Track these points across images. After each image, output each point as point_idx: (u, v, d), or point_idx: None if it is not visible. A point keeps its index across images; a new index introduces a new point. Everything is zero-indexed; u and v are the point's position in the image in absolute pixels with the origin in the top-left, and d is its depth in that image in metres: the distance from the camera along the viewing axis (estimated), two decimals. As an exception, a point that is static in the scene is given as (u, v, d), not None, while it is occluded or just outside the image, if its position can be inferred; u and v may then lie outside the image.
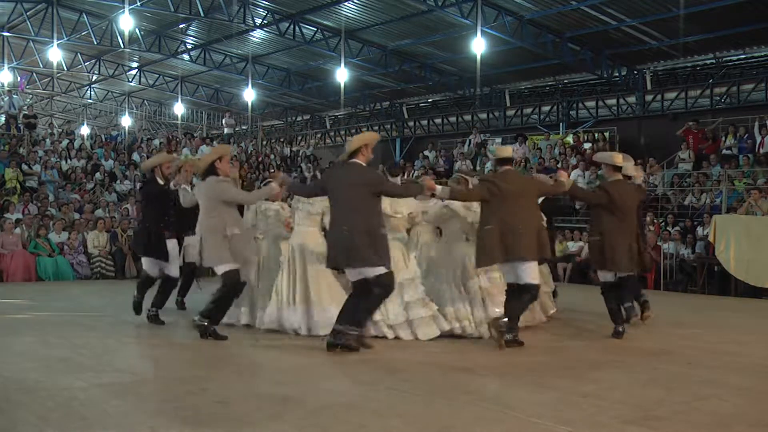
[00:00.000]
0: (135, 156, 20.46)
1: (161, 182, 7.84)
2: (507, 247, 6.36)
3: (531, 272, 6.40)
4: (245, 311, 7.46)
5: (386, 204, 6.57)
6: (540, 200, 7.02)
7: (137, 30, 21.16)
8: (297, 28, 20.09)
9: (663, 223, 14.86)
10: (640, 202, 7.45)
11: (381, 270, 5.92)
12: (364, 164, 6.14)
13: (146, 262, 7.84)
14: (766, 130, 16.03)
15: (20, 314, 8.44)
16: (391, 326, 6.77)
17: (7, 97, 20.90)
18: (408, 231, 7.47)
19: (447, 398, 4.69)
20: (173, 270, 7.81)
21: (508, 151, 6.92)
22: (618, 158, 7.27)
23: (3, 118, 20.79)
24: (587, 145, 19.64)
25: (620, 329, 7.12)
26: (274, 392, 4.78)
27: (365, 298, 5.99)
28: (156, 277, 7.79)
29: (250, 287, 7.24)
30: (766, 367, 6.09)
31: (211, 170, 6.68)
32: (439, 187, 6.48)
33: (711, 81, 18.93)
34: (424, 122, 27.08)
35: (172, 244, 7.76)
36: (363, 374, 5.45)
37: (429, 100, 26.87)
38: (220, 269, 6.57)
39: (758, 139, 16.22)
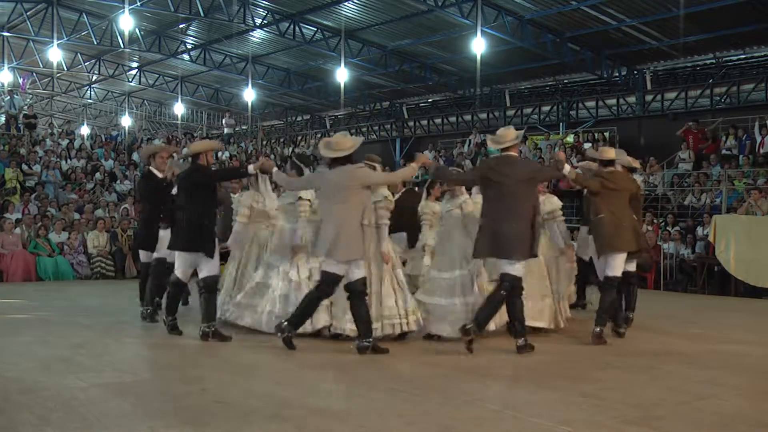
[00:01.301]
0: (135, 156, 20.44)
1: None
2: (618, 238, 6.80)
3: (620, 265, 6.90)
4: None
5: None
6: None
7: (137, 30, 21.17)
8: (297, 28, 20.09)
9: (663, 223, 14.86)
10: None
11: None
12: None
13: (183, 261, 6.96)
14: (766, 130, 16.03)
15: (20, 314, 8.44)
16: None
17: (8, 97, 20.91)
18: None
19: (447, 398, 4.69)
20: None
21: (611, 153, 7.16)
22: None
23: (3, 118, 20.79)
24: (587, 145, 19.63)
25: (622, 330, 7.13)
26: (274, 392, 4.78)
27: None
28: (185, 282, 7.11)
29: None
30: (766, 367, 6.09)
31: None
32: (568, 167, 6.70)
33: (711, 81, 18.94)
34: (424, 122, 27.08)
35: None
36: (363, 374, 5.46)
37: (429, 100, 26.87)
38: (360, 267, 6.20)
39: (758, 139, 16.22)
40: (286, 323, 6.12)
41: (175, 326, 6.90)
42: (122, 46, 21.43)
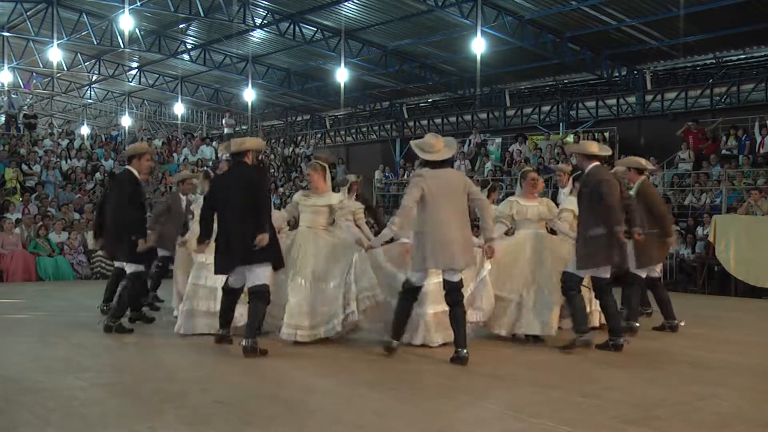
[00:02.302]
0: (135, 156, 20.44)
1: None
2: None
3: None
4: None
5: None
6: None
7: (137, 30, 21.17)
8: (297, 28, 20.09)
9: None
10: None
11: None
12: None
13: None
14: (766, 130, 16.03)
15: (20, 314, 8.44)
16: None
17: (7, 97, 20.92)
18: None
19: (447, 398, 4.69)
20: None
21: (593, 147, 6.67)
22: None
23: (3, 118, 20.80)
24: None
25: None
26: (274, 392, 4.78)
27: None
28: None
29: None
30: (766, 367, 6.09)
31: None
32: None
33: (711, 81, 18.93)
34: (424, 122, 27.07)
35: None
36: (363, 374, 5.46)
37: (429, 100, 26.87)
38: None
39: (758, 139, 16.22)
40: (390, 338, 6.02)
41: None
42: (122, 46, 21.43)
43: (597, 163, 6.54)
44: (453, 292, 5.82)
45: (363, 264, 6.42)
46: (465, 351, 5.69)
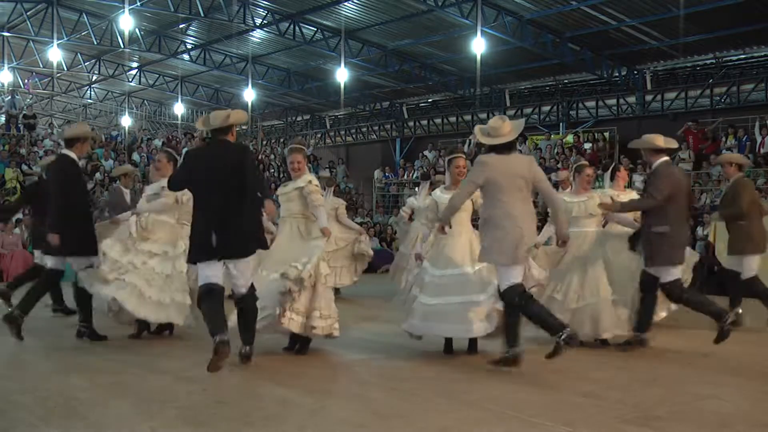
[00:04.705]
0: (135, 156, 20.47)
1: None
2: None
3: None
4: None
5: None
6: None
7: (137, 30, 21.18)
8: (297, 28, 20.10)
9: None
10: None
11: None
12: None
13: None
14: (766, 130, 16.04)
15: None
16: None
17: (9, 97, 20.92)
18: None
19: (447, 398, 4.69)
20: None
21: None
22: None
23: (3, 118, 20.80)
24: (587, 145, 19.66)
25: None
26: (273, 392, 4.78)
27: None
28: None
29: None
30: (766, 367, 6.09)
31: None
32: None
33: (711, 81, 18.94)
34: (424, 122, 27.09)
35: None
36: (363, 374, 5.46)
37: (429, 100, 26.88)
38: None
39: (758, 139, 16.23)
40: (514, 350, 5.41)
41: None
42: (122, 46, 21.43)
43: (665, 158, 6.36)
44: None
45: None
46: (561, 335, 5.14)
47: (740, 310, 7.42)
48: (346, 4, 18.49)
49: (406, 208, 10.23)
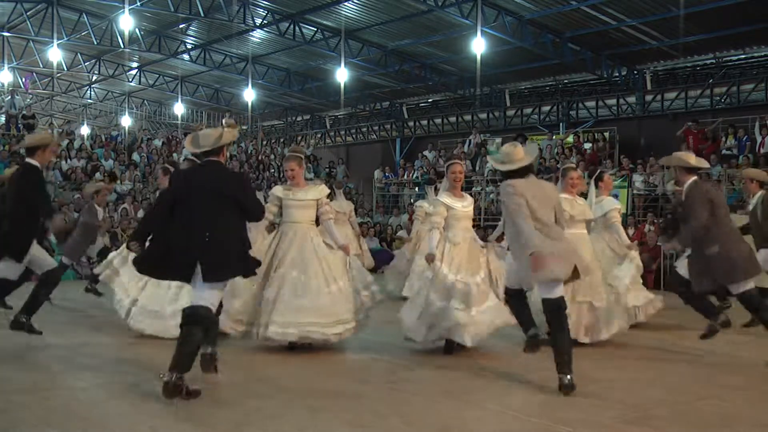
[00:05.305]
0: (135, 156, 20.47)
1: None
2: None
3: None
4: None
5: None
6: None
7: (137, 30, 21.16)
8: (297, 28, 20.09)
9: (663, 223, 14.86)
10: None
11: None
12: None
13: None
14: (766, 130, 16.03)
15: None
16: None
17: (9, 97, 20.92)
18: None
19: (447, 398, 4.69)
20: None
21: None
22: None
23: (3, 118, 20.80)
24: (588, 146, 19.65)
25: None
26: (274, 392, 4.78)
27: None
28: None
29: None
30: (766, 367, 6.09)
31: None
32: None
33: (711, 81, 18.94)
34: (424, 122, 27.08)
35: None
36: (363, 374, 5.46)
37: (429, 100, 26.88)
38: None
39: (758, 139, 16.22)
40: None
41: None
42: (122, 46, 21.42)
43: (695, 178, 6.16)
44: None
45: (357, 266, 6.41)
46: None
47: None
48: (346, 4, 18.48)
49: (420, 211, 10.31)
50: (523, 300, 5.50)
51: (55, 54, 22.10)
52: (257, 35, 21.88)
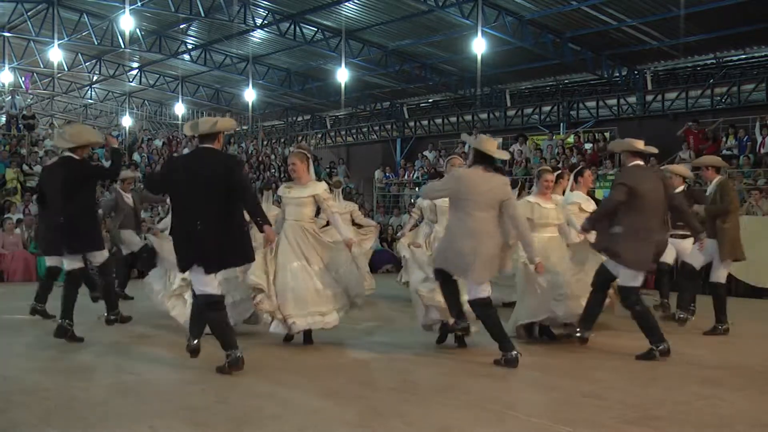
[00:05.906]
0: (135, 156, 20.47)
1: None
2: None
3: None
4: None
5: None
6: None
7: (138, 30, 21.19)
8: (297, 28, 20.11)
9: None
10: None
11: None
12: None
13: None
14: (767, 130, 16.03)
15: (20, 314, 8.43)
16: None
17: (10, 97, 20.93)
18: None
19: (447, 398, 4.69)
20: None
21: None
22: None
23: (3, 119, 20.81)
24: (588, 146, 19.64)
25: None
26: (274, 392, 4.78)
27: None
28: None
29: None
30: (766, 367, 6.09)
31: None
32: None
33: (711, 81, 18.94)
34: (425, 122, 27.09)
35: None
36: (363, 374, 5.46)
37: (429, 100, 26.89)
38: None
39: (759, 139, 16.22)
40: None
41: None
42: (123, 47, 21.45)
43: (637, 161, 6.39)
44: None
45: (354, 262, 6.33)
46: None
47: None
48: (346, 4, 18.50)
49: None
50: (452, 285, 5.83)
51: (55, 54, 22.13)
52: (258, 35, 21.90)
